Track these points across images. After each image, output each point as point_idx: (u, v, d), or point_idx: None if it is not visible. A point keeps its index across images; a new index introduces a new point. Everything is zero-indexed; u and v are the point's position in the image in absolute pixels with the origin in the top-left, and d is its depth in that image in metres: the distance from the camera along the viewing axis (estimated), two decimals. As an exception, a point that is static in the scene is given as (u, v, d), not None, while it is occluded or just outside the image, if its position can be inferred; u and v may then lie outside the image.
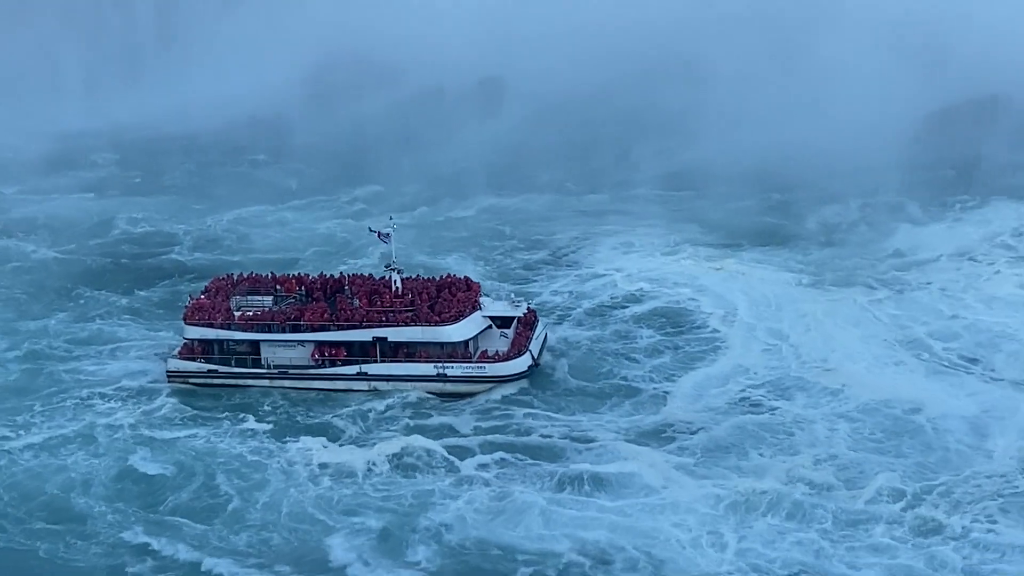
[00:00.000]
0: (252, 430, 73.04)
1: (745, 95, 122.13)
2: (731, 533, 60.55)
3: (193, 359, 77.48)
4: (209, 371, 77.73)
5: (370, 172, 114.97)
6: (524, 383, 75.26)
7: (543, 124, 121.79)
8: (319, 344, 76.82)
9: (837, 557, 58.01)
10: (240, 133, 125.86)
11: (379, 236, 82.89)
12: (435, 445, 69.82)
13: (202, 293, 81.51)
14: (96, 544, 63.03)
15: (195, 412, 74.37)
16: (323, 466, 68.85)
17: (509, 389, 74.76)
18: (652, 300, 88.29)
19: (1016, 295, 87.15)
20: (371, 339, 76.66)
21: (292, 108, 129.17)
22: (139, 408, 75.08)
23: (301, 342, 77.30)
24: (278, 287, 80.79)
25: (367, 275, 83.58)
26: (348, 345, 76.98)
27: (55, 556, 61.59)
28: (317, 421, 74.28)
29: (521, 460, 67.91)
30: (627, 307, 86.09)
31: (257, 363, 77.39)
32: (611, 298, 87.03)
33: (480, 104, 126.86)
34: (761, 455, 67.40)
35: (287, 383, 77.01)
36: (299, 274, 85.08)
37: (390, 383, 76.41)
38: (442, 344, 76.14)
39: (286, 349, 77.27)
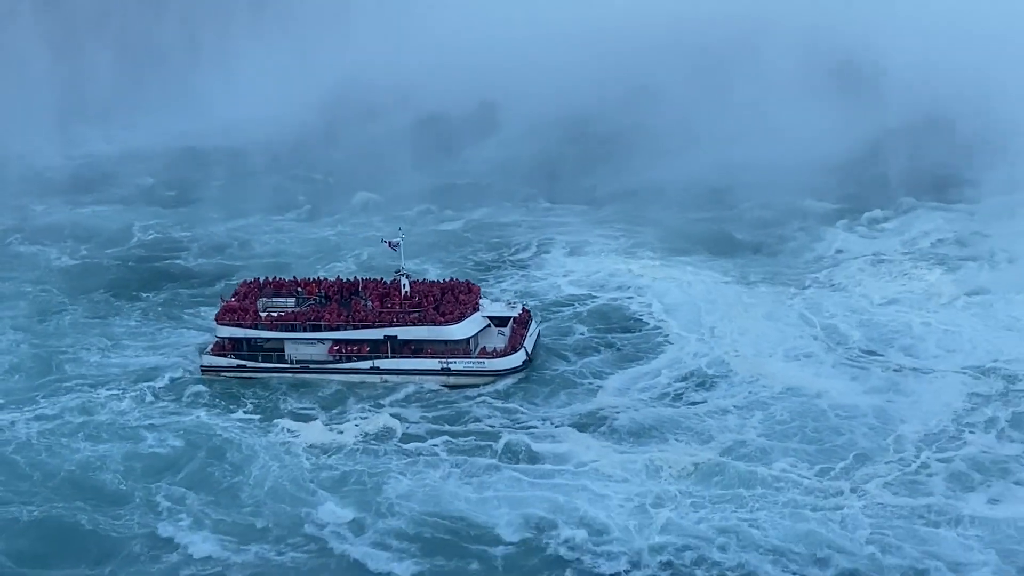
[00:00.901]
0: (267, 415, 74.60)
1: (698, 118, 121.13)
2: (653, 499, 62.97)
3: (224, 355, 79.00)
4: (238, 366, 78.60)
5: (374, 186, 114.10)
6: (516, 376, 76.30)
7: (529, 143, 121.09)
8: (337, 342, 78.20)
9: (749, 521, 60.63)
10: (262, 151, 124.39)
11: (389, 245, 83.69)
12: (398, 425, 71.24)
13: (232, 295, 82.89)
14: (132, 512, 63.88)
15: (223, 400, 76.48)
16: (313, 446, 70.66)
17: (508, 381, 75.94)
18: (593, 300, 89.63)
19: (916, 294, 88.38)
20: (382, 337, 77.67)
21: (311, 129, 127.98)
22: (172, 397, 76.88)
23: (321, 340, 78.53)
24: (300, 290, 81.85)
25: (379, 279, 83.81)
26: (362, 343, 78.44)
27: (96, 525, 63.24)
28: (323, 408, 75.36)
29: (470, 441, 69.90)
30: (571, 305, 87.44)
31: (281, 359, 78.56)
32: (554, 297, 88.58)
33: (477, 126, 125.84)
34: (678, 439, 69.06)
35: (308, 376, 78.01)
36: (318, 278, 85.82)
37: (400, 376, 77.38)
38: (446, 341, 77.27)
39: (307, 346, 78.43)
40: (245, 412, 75.93)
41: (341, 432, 72.91)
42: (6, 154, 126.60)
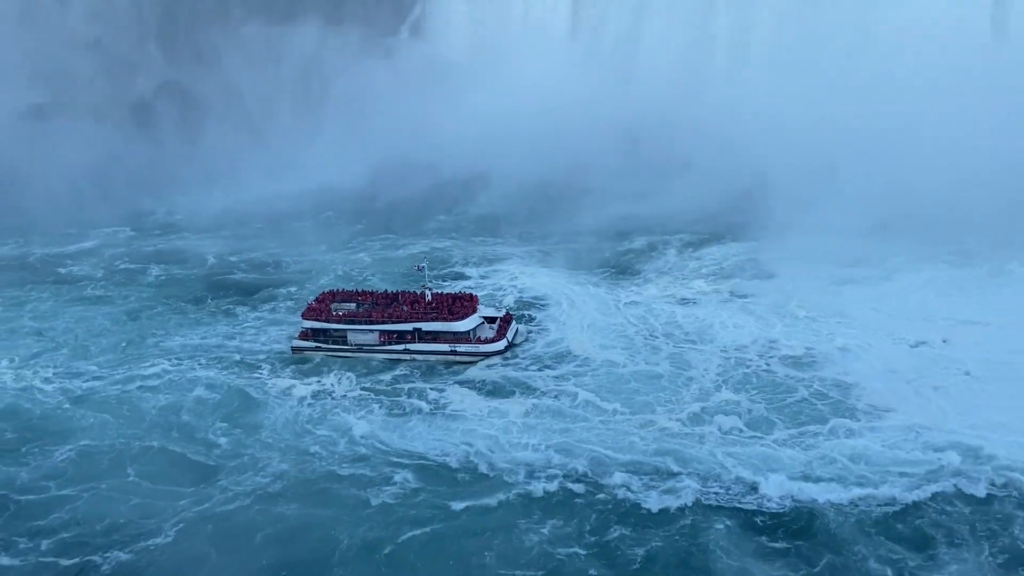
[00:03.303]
0: (323, 379, 78.70)
1: (617, 182, 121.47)
2: (525, 429, 69.31)
3: (307, 340, 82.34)
4: (316, 347, 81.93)
5: (399, 228, 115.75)
6: (501, 357, 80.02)
7: (505, 200, 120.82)
8: (383, 332, 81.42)
9: (586, 440, 66.77)
10: (328, 203, 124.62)
11: (417, 269, 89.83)
12: (353, 383, 76.56)
13: (314, 300, 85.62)
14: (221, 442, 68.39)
15: (321, 370, 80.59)
16: (339, 395, 75.45)
17: (494, 360, 79.69)
18: (519, 297, 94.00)
19: (703, 296, 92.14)
20: (412, 329, 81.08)
21: (361, 189, 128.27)
22: (294, 367, 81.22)
23: (372, 330, 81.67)
24: (359, 298, 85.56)
25: (411, 291, 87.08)
26: (399, 332, 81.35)
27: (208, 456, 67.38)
28: (363, 375, 79.21)
29: (401, 401, 74.82)
30: (502, 298, 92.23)
31: (345, 343, 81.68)
32: (489, 293, 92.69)
33: (473, 188, 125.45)
34: (522, 393, 74.61)
35: (362, 355, 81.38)
36: (372, 291, 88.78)
37: (422, 355, 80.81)
38: (454, 332, 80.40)
39: (363, 334, 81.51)
40: (303, 375, 79.66)
41: (369, 388, 76.96)
42: (139, 210, 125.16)
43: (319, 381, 78.30)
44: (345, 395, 75.77)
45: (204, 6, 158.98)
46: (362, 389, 76.34)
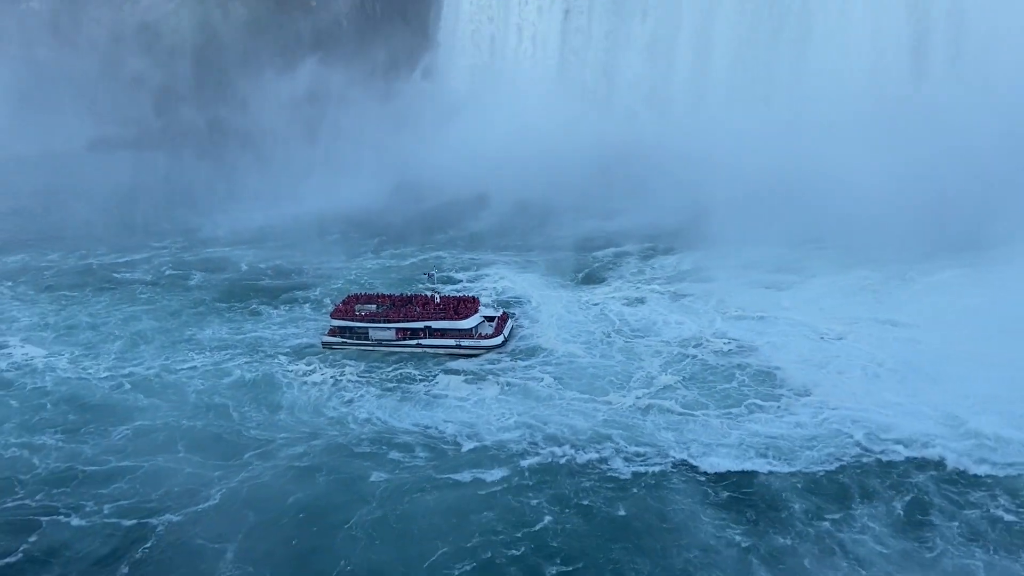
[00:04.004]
0: (346, 369, 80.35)
1: (593, 201, 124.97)
2: (507, 406, 71.95)
3: (335, 336, 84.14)
4: (342, 342, 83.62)
5: (412, 241, 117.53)
6: (498, 351, 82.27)
7: (500, 218, 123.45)
8: (399, 329, 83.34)
9: (551, 416, 69.46)
10: (350, 220, 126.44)
11: (428, 276, 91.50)
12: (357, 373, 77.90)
13: (342, 302, 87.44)
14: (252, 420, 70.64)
15: (334, 361, 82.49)
16: (345, 380, 77.22)
17: (492, 354, 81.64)
18: (499, 297, 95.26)
19: (653, 296, 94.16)
20: (423, 327, 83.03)
21: (379, 207, 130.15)
22: (325, 360, 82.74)
23: (389, 328, 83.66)
24: (379, 300, 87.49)
25: (423, 295, 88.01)
26: (412, 330, 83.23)
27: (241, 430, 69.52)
28: (376, 366, 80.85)
29: (395, 382, 77.57)
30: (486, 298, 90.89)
31: (367, 338, 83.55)
32: (476, 294, 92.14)
33: (477, 207, 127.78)
34: (495, 379, 76.99)
35: (382, 349, 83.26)
36: (390, 294, 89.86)
37: (432, 349, 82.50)
38: (459, 329, 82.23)
39: (382, 331, 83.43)
40: (318, 364, 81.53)
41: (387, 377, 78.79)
42: (186, 226, 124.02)
43: (331, 369, 79.59)
44: (354, 381, 77.33)
45: (234, 55, 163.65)
46: (369, 377, 78.23)
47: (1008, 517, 55.41)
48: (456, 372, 79.75)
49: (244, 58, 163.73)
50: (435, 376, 78.84)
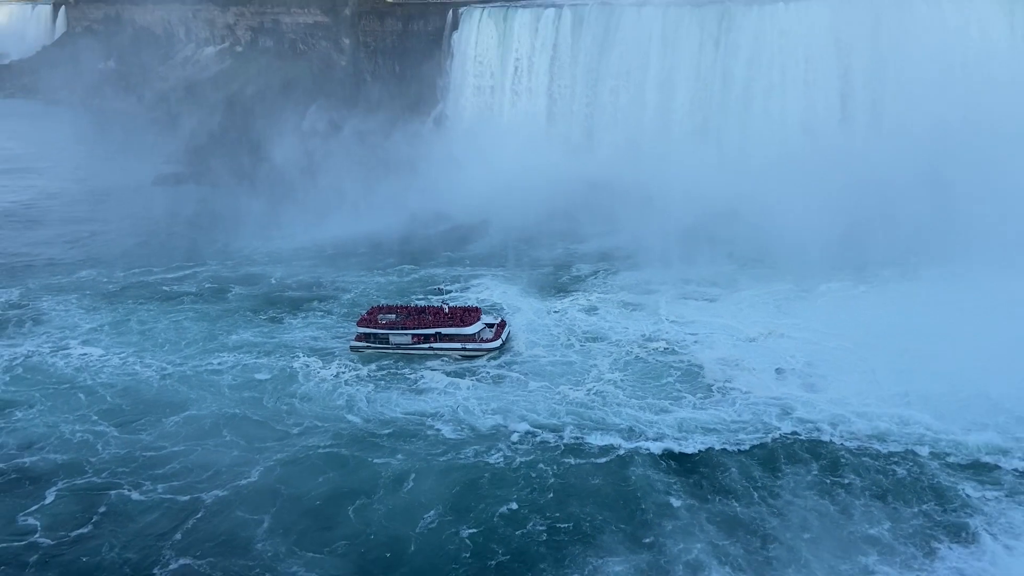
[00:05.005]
0: (381, 366, 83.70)
1: (581, 227, 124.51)
2: (483, 397, 75.73)
3: (361, 341, 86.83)
4: (367, 346, 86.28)
5: (423, 262, 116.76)
6: (496, 353, 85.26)
7: (499, 242, 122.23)
8: (414, 335, 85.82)
9: (519, 405, 73.11)
10: (372, 242, 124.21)
11: (439, 290, 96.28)
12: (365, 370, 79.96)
13: (366, 312, 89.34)
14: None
15: (360, 361, 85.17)
16: (361, 376, 79.93)
17: (492, 355, 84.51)
18: (478, 303, 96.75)
19: (604, 306, 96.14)
20: (434, 333, 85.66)
21: (397, 233, 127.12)
22: (340, 359, 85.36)
23: (406, 334, 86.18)
24: (398, 310, 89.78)
25: (434, 306, 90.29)
26: (425, 335, 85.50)
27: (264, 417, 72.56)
28: (392, 365, 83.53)
29: (393, 378, 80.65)
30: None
31: (387, 343, 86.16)
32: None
33: (479, 232, 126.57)
34: (472, 376, 79.90)
35: (400, 352, 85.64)
36: (407, 305, 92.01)
37: (442, 352, 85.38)
38: (464, 334, 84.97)
39: (400, 337, 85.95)
40: (361, 362, 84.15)
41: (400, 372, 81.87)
42: (232, 248, 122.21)
43: (346, 368, 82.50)
44: (364, 378, 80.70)
45: (277, 105, 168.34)
46: (377, 374, 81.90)
47: (900, 472, 64.46)
48: (438, 369, 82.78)
49: (285, 108, 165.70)
50: (422, 372, 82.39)
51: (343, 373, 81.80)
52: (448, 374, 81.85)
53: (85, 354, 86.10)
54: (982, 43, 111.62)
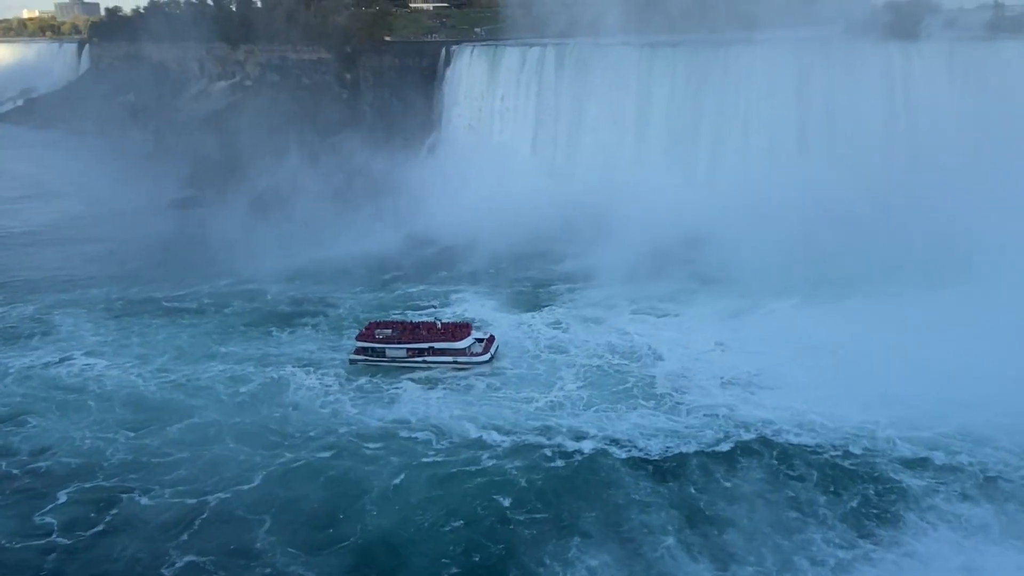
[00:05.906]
0: (363, 377, 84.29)
1: (562, 248, 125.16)
2: (472, 404, 76.81)
3: (359, 355, 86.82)
4: (365, 359, 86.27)
5: (417, 280, 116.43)
6: (487, 366, 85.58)
7: (484, 263, 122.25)
8: (409, 348, 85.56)
9: (488, 412, 74.26)
10: (368, 262, 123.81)
11: (434, 314, 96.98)
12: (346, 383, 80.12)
13: (364, 328, 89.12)
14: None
15: (358, 373, 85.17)
16: (351, 387, 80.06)
17: (482, 368, 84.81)
18: (458, 316, 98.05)
19: (573, 320, 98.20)
20: (428, 347, 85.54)
21: (394, 253, 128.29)
22: (339, 371, 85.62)
23: (401, 348, 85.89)
24: (393, 326, 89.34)
25: (428, 321, 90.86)
26: (420, 349, 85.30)
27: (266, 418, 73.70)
28: (383, 376, 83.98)
29: (383, 390, 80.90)
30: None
31: (384, 356, 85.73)
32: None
33: (467, 253, 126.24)
34: (457, 383, 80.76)
35: (395, 365, 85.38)
36: (402, 321, 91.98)
37: (435, 365, 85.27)
38: (456, 349, 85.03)
39: (396, 351, 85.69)
40: (348, 373, 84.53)
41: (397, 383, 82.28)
42: (235, 268, 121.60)
43: (336, 379, 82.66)
44: (357, 389, 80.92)
45: (283, 134, 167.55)
46: (362, 384, 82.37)
47: (843, 464, 67.29)
48: (413, 380, 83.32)
49: (289, 136, 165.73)
50: (399, 384, 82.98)
51: (336, 384, 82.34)
52: (440, 386, 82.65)
53: (88, 364, 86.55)
54: (924, 84, 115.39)
